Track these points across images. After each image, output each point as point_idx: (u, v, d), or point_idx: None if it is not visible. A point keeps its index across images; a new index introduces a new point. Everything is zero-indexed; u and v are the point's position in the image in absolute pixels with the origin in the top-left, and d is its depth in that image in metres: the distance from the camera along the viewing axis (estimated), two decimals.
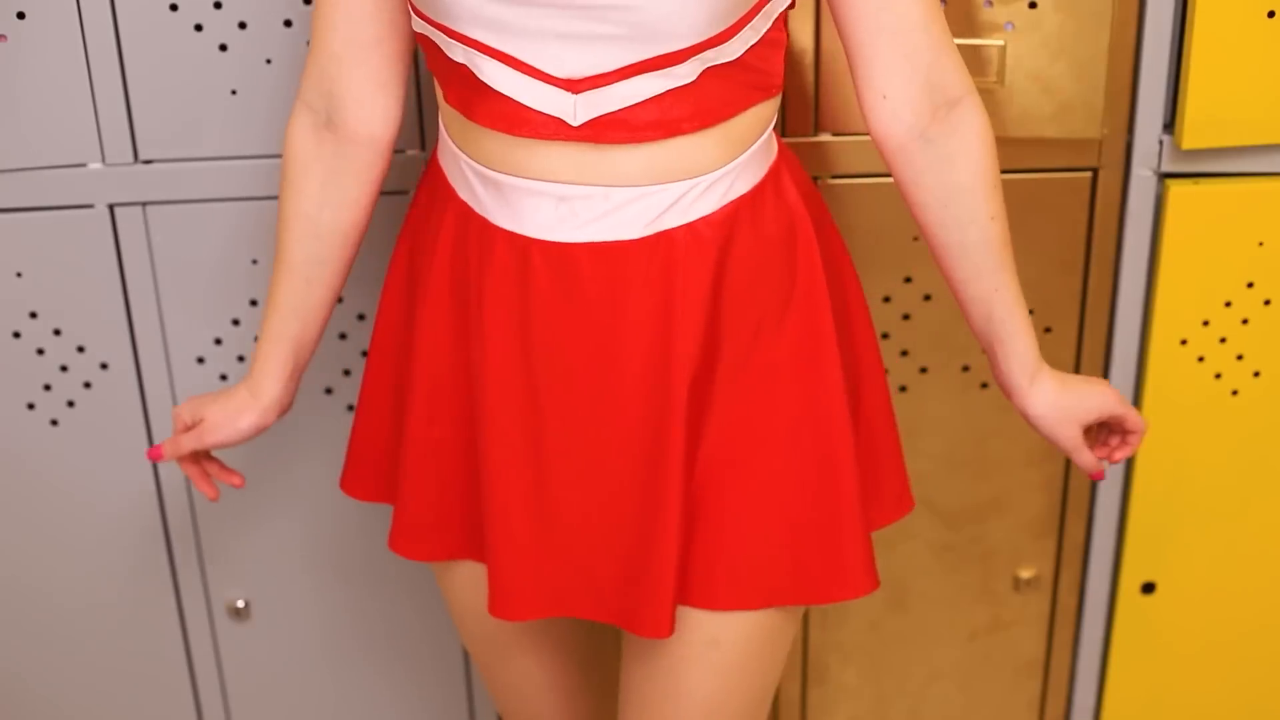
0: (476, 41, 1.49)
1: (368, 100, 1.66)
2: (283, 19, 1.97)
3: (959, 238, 1.64)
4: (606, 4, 1.44)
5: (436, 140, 1.69)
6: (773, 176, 1.62)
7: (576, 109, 1.49)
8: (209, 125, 2.02)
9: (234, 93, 2.00)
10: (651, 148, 1.53)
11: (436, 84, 1.62)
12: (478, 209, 1.60)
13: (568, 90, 1.49)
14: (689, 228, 1.56)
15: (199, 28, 1.97)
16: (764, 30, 1.53)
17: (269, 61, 1.99)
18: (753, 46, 1.53)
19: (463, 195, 1.62)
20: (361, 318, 2.14)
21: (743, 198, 1.59)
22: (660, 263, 1.56)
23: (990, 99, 1.99)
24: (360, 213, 1.72)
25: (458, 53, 1.52)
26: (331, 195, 1.70)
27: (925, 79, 1.58)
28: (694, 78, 1.50)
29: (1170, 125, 2.04)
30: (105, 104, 2.00)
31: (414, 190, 2.02)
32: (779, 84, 1.61)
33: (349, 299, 2.12)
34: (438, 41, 1.53)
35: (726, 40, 1.49)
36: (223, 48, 1.98)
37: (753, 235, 1.59)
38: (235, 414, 1.79)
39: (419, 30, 1.56)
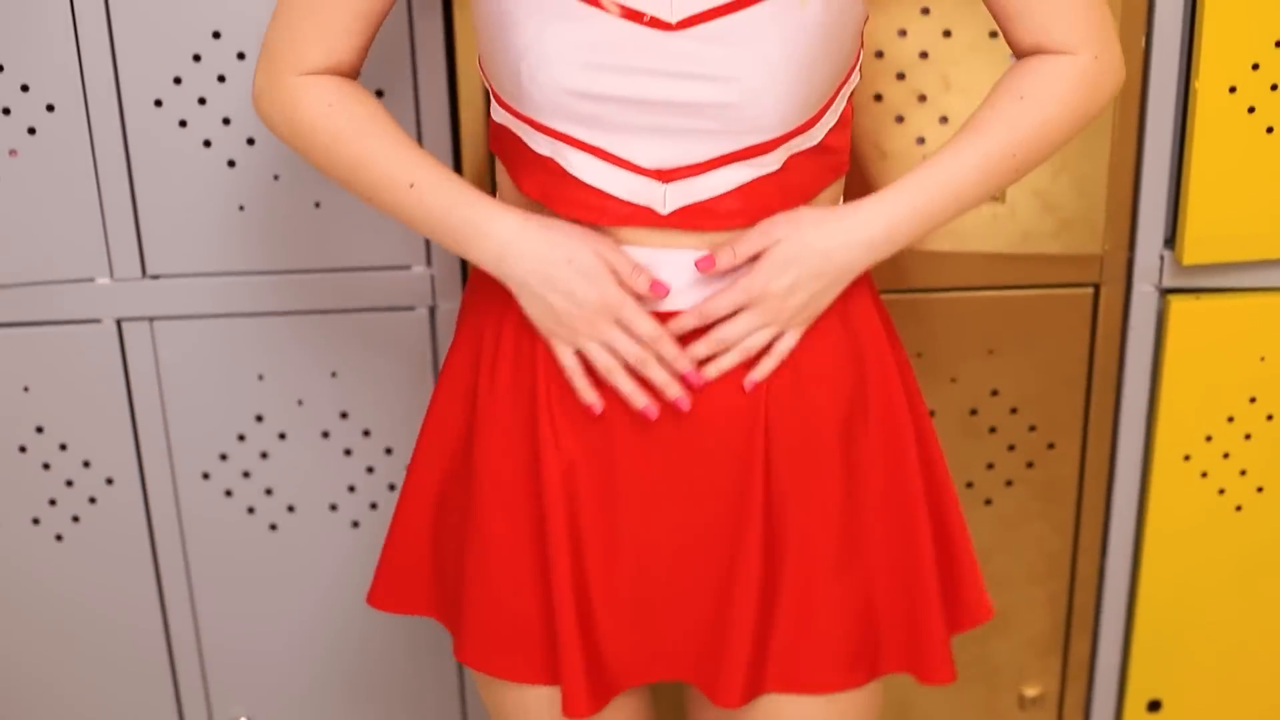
0: (565, 135, 1.51)
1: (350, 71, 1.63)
2: None
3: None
4: (705, 102, 1.47)
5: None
6: None
7: (666, 198, 1.52)
8: (217, 241, 2.03)
9: (241, 208, 2.01)
10: (735, 231, 1.55)
11: (507, 174, 1.61)
12: None
13: (657, 180, 1.51)
14: None
15: (207, 143, 1.98)
16: (840, 110, 1.57)
17: (276, 178, 2.00)
18: (831, 128, 1.56)
19: None
20: None
21: None
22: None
23: (992, 217, 2.01)
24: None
25: (543, 145, 1.53)
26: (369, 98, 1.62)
27: (1042, 32, 1.55)
28: (780, 165, 1.53)
29: (1171, 241, 2.06)
30: (114, 219, 2.02)
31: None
32: (847, 162, 1.63)
33: None
34: (520, 134, 1.55)
35: (812, 126, 1.53)
36: (231, 163, 1.99)
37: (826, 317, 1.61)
38: None
39: (500, 120, 1.57)
